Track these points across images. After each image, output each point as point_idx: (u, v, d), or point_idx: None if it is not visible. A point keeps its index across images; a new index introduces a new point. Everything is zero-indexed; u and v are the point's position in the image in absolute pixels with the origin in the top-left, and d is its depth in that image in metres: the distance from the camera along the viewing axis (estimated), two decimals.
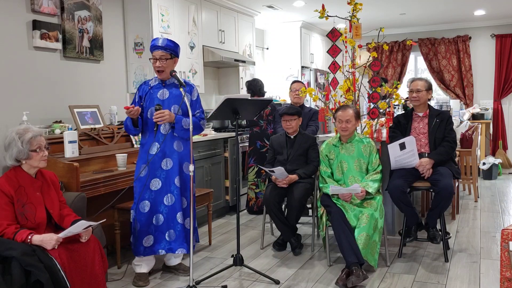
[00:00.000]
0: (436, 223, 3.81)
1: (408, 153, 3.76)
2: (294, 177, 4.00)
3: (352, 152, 3.80)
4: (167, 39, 3.44)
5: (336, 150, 3.84)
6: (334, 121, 3.96)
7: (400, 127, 4.02)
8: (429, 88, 3.95)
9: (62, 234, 2.62)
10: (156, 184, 3.40)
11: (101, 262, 2.83)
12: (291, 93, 4.92)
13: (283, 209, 4.11)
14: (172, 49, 3.40)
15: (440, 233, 3.78)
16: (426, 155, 3.85)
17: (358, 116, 3.80)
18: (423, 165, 3.76)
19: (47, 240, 2.56)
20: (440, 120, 3.92)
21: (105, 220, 2.93)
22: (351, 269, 3.32)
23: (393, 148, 3.79)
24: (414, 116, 4.02)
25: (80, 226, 2.69)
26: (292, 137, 4.19)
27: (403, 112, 4.18)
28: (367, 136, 4.04)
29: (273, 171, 3.91)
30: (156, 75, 3.49)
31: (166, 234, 3.41)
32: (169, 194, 3.41)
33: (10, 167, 2.79)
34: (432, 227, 3.79)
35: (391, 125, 4.08)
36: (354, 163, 3.78)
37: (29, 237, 2.56)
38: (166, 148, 3.41)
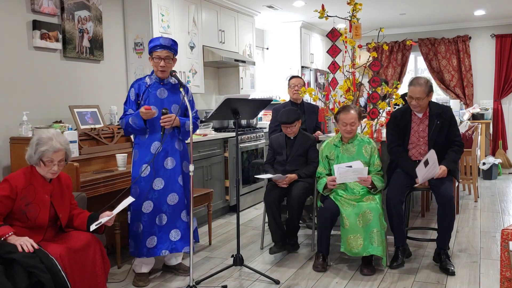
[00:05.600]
0: (448, 244, 3.67)
1: (431, 166, 3.57)
2: (293, 176, 3.99)
3: (353, 152, 3.77)
4: (170, 38, 3.42)
5: (337, 150, 3.81)
6: (334, 121, 3.94)
7: (399, 129, 3.81)
8: (429, 91, 3.66)
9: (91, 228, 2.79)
10: (158, 183, 3.38)
11: (102, 263, 2.83)
12: (290, 89, 4.70)
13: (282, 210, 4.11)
14: (175, 49, 3.41)
15: (452, 264, 3.59)
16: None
17: (360, 116, 3.78)
18: (443, 175, 3.60)
19: (22, 243, 2.53)
20: (441, 122, 3.70)
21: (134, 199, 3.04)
22: (318, 256, 3.69)
23: (420, 170, 3.56)
24: (413, 117, 3.79)
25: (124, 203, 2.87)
26: (291, 137, 4.18)
27: (401, 111, 3.89)
28: (368, 136, 4.02)
29: (270, 179, 3.91)
30: (150, 73, 3.46)
31: (170, 234, 3.40)
32: (173, 193, 3.39)
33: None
34: (443, 249, 3.63)
35: (388, 125, 3.92)
36: None
37: (7, 235, 2.55)
38: (168, 147, 3.40)
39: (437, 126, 3.70)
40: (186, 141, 3.51)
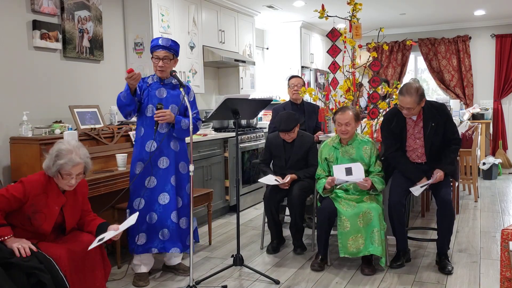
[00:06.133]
0: (447, 249, 3.67)
1: (425, 184, 3.58)
2: (294, 176, 3.97)
3: (352, 154, 3.71)
4: (170, 39, 3.42)
5: (336, 152, 3.76)
6: (334, 122, 3.91)
7: (395, 135, 3.70)
8: (420, 99, 3.49)
9: (93, 245, 2.67)
10: (151, 182, 3.38)
11: (102, 265, 2.81)
12: (290, 89, 4.67)
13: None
14: (175, 50, 3.41)
15: (450, 263, 3.61)
16: (424, 163, 3.68)
17: (357, 117, 3.70)
18: (440, 179, 3.57)
19: (20, 246, 2.51)
20: (437, 123, 3.59)
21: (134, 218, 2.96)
22: (317, 256, 3.71)
23: (415, 188, 3.59)
24: (407, 119, 3.67)
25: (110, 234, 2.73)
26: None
27: (393, 114, 3.72)
28: (368, 136, 4.01)
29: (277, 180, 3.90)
30: (153, 73, 3.49)
31: (160, 233, 3.40)
32: (164, 193, 3.39)
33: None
34: (444, 256, 3.62)
35: (382, 128, 3.81)
36: None
37: (5, 237, 2.54)
38: (163, 147, 3.39)
39: (432, 128, 3.59)
40: (187, 141, 3.51)
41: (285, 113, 4.10)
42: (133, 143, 4.29)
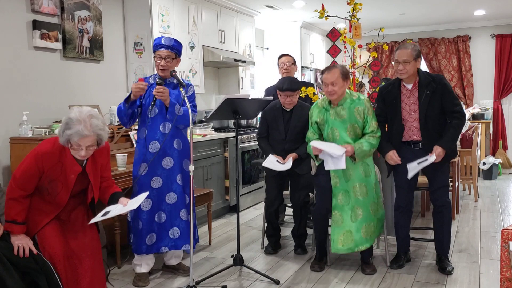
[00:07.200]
0: (447, 251, 3.61)
1: (424, 161, 3.37)
2: (294, 155, 3.78)
3: (344, 116, 3.41)
4: (173, 39, 3.43)
5: (326, 114, 3.47)
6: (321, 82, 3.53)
7: (385, 105, 3.49)
8: (417, 56, 3.32)
9: (96, 219, 2.63)
10: (157, 182, 3.38)
11: (102, 271, 2.78)
12: (280, 68, 4.54)
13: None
14: (177, 49, 3.42)
15: (450, 264, 3.57)
16: (421, 145, 3.41)
17: (345, 75, 3.36)
18: (440, 156, 3.32)
19: (20, 243, 2.50)
20: (432, 91, 3.30)
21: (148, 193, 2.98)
22: (315, 257, 3.72)
23: (411, 165, 3.38)
24: (402, 88, 3.42)
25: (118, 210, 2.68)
26: (288, 109, 3.86)
27: (389, 84, 3.53)
28: (362, 95, 3.65)
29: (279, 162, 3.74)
30: (155, 73, 3.49)
31: (170, 232, 3.41)
32: (171, 193, 3.40)
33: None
34: (444, 256, 3.58)
35: (376, 100, 3.65)
36: (347, 129, 3.42)
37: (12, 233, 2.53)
38: (166, 147, 3.39)
39: (427, 96, 3.31)
40: (186, 130, 3.50)
41: (287, 76, 4.04)
42: (133, 143, 4.30)
